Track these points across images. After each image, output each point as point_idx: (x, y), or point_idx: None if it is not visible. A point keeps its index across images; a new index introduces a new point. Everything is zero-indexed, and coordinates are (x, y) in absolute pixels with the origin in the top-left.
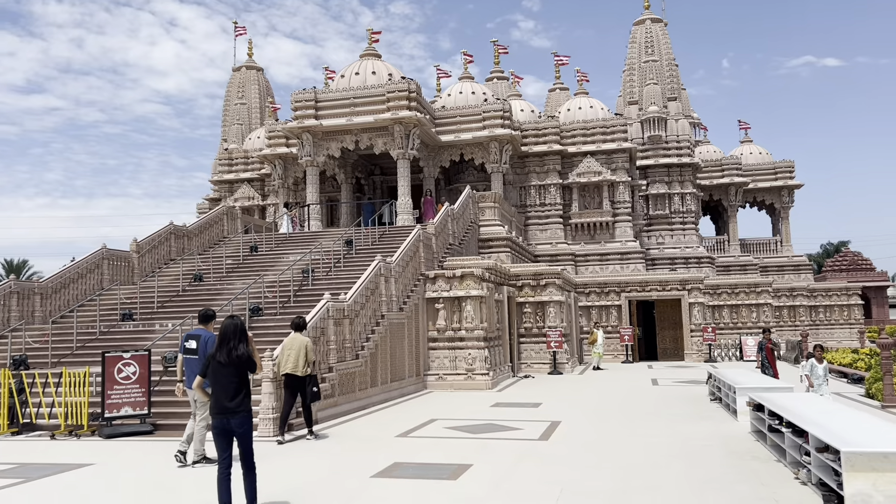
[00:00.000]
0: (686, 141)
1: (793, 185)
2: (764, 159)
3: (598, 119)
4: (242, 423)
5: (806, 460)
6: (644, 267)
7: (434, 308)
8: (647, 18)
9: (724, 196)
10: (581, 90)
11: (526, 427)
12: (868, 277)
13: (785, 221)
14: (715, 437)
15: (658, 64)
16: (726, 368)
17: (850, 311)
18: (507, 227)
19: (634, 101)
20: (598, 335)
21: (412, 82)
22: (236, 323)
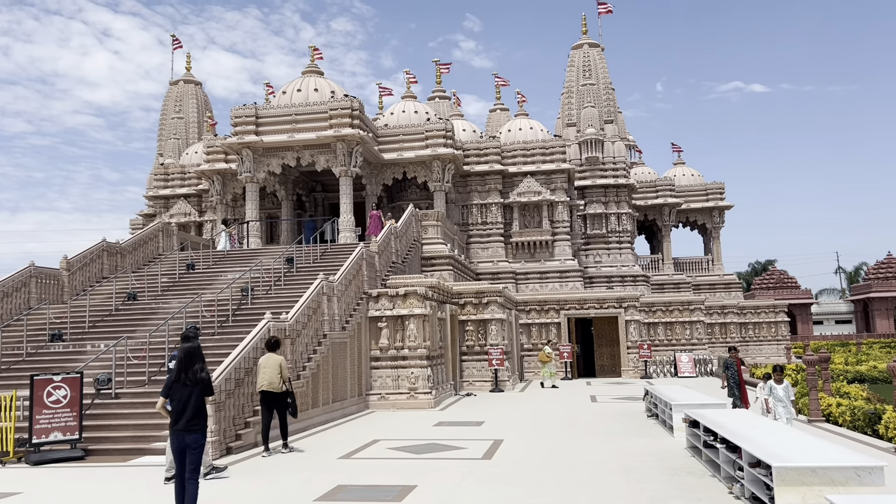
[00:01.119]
0: (622, 162)
1: (723, 206)
2: (696, 181)
3: (538, 140)
4: (197, 439)
5: (739, 475)
6: (582, 285)
7: (377, 327)
8: (584, 43)
9: (659, 216)
10: (521, 111)
11: (469, 446)
12: (793, 295)
13: (716, 241)
14: (653, 453)
15: (595, 87)
16: (662, 385)
17: (777, 327)
18: (450, 246)
19: (573, 123)
20: (552, 354)
21: (355, 100)
22: (194, 346)
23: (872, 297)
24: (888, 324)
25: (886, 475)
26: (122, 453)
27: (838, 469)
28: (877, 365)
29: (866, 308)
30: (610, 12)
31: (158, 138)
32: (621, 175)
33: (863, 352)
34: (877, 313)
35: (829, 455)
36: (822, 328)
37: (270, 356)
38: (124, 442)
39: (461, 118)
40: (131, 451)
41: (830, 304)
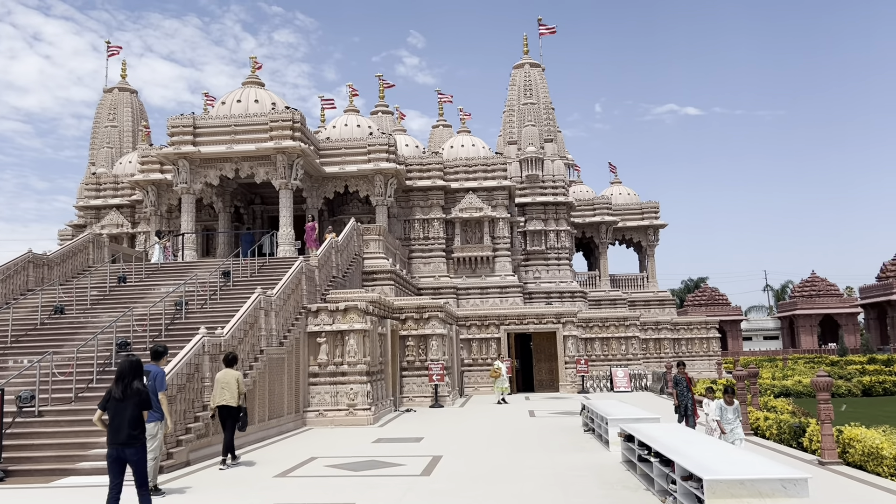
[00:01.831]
0: (561, 181)
1: (658, 225)
2: (632, 200)
3: (480, 157)
4: (137, 452)
5: (672, 488)
6: (522, 300)
7: (316, 342)
8: (526, 63)
9: (596, 234)
10: (463, 128)
11: (408, 462)
12: (724, 312)
13: (651, 258)
14: (589, 467)
15: (536, 106)
16: (599, 400)
17: (708, 343)
18: (392, 260)
19: (514, 141)
20: (501, 368)
21: (297, 112)
22: (132, 361)
23: (798, 314)
24: (812, 340)
25: (810, 487)
26: (45, 474)
27: (766, 481)
28: (801, 380)
29: (792, 325)
30: (553, 33)
31: (91, 147)
32: (560, 193)
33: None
34: (802, 330)
35: (758, 468)
36: (751, 344)
37: (228, 371)
38: (48, 462)
39: (404, 133)
40: (55, 472)
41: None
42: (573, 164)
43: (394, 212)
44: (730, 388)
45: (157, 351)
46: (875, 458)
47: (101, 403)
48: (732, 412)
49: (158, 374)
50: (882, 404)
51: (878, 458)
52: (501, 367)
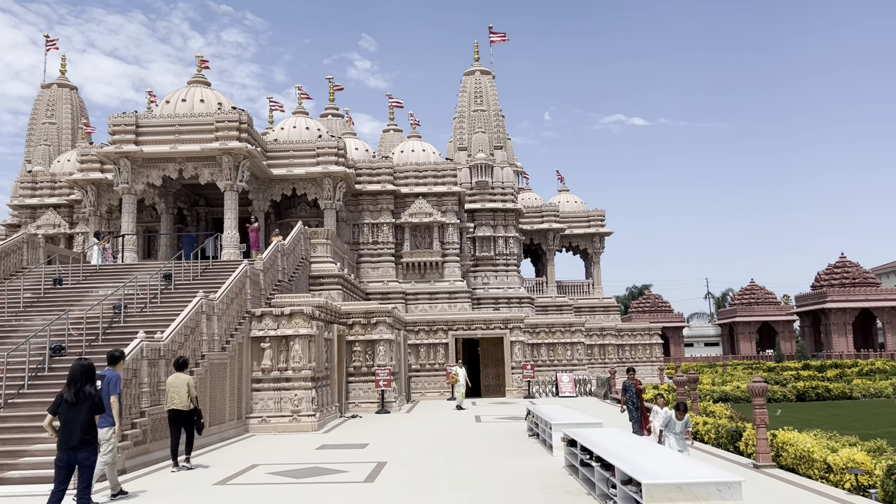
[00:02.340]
0: (510, 188)
1: (604, 233)
2: (579, 208)
3: (430, 162)
4: (89, 456)
5: (613, 493)
6: (471, 306)
7: (260, 347)
8: (476, 70)
9: (544, 240)
10: (414, 133)
11: (352, 469)
12: (667, 318)
13: (596, 265)
14: (533, 472)
15: (486, 113)
16: (544, 405)
17: (651, 349)
18: (340, 265)
19: (464, 148)
20: (460, 374)
21: (243, 113)
22: (84, 365)
23: (737, 322)
24: (751, 346)
25: (744, 489)
26: None
27: (701, 485)
28: (740, 385)
29: (732, 331)
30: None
31: (27, 144)
32: (509, 200)
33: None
34: (741, 336)
35: (694, 472)
36: (692, 350)
37: (179, 375)
38: None
39: (354, 137)
40: None
41: (700, 328)
42: (522, 172)
43: (342, 216)
44: (682, 406)
45: (113, 356)
46: (806, 461)
47: (52, 408)
48: (681, 426)
49: (114, 378)
50: (815, 409)
51: (810, 462)
52: (460, 372)
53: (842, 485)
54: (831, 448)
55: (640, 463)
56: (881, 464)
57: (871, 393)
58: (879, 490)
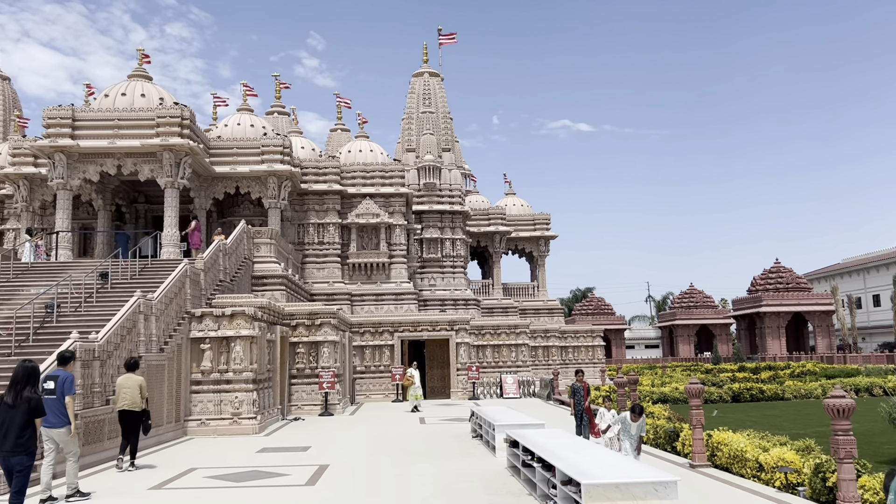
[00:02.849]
0: (458, 190)
1: (549, 236)
2: (525, 211)
3: (378, 163)
4: (22, 461)
5: (553, 493)
6: (417, 307)
7: (199, 349)
8: (425, 72)
9: (490, 243)
10: (362, 133)
11: (293, 472)
12: (609, 321)
13: (542, 268)
14: (476, 473)
15: (434, 115)
16: (488, 406)
17: (594, 351)
18: (284, 265)
19: (412, 149)
20: (415, 376)
21: (186, 108)
22: (27, 367)
23: (677, 324)
24: (689, 348)
25: (679, 488)
26: None
27: (639, 484)
28: (678, 386)
29: (671, 334)
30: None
31: None
32: (457, 202)
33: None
34: (680, 339)
35: (632, 472)
36: (633, 352)
37: (130, 376)
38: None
39: (300, 135)
40: None
41: (641, 330)
42: (470, 174)
43: (287, 215)
44: (638, 407)
45: (64, 356)
46: (740, 460)
47: None
48: (636, 428)
49: (67, 378)
50: (749, 410)
51: (743, 461)
52: (415, 374)
53: (772, 483)
54: (763, 448)
55: (580, 463)
56: (809, 462)
57: (801, 394)
58: (807, 488)
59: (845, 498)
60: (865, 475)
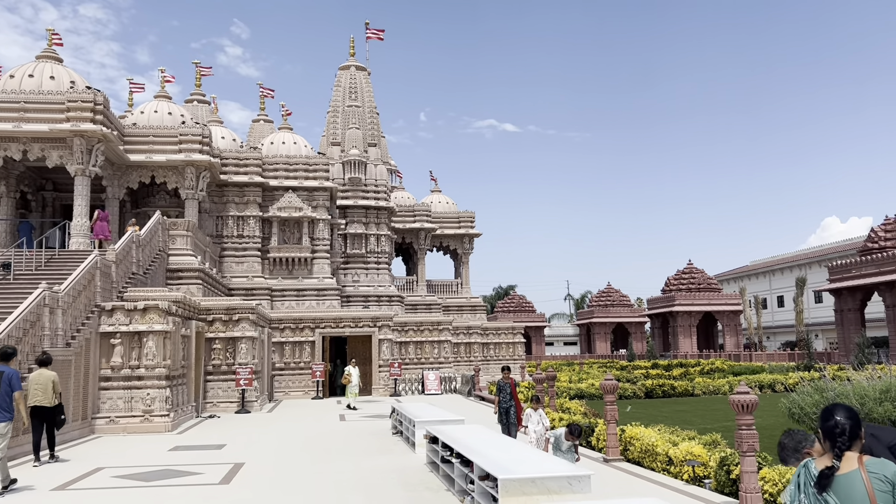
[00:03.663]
0: (384, 185)
1: (473, 234)
2: (450, 209)
3: (302, 156)
4: None
5: (471, 488)
6: (339, 304)
7: (109, 344)
8: (352, 65)
9: (415, 240)
10: (285, 125)
11: (207, 471)
12: (530, 318)
13: (465, 266)
14: (395, 470)
15: (360, 110)
16: (409, 403)
17: (514, 347)
18: (201, 258)
19: (337, 143)
20: (353, 374)
21: (99, 93)
22: None
23: (594, 322)
24: (606, 346)
25: (593, 482)
26: None
27: (553, 479)
28: (594, 383)
29: (589, 331)
30: (381, 38)
31: None
32: (382, 198)
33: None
34: (597, 336)
35: (547, 466)
36: (552, 349)
37: (43, 372)
38: None
39: (221, 125)
40: None
41: (560, 328)
42: (396, 170)
43: (206, 207)
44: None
45: (6, 353)
46: (650, 454)
47: None
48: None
49: (13, 374)
50: (661, 405)
51: (653, 455)
52: (353, 372)
53: (681, 476)
54: (673, 442)
55: (498, 459)
56: (715, 456)
57: (710, 390)
58: (713, 480)
59: (747, 489)
60: (766, 467)
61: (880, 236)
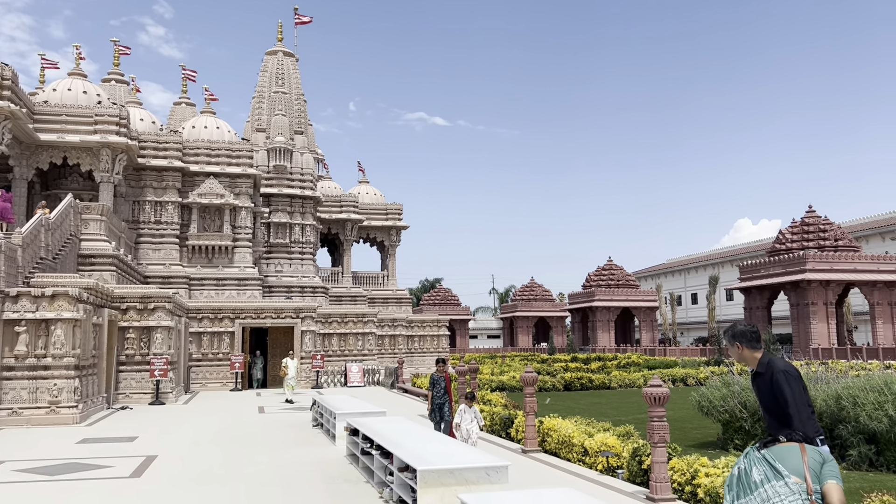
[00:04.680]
0: (310, 174)
1: (401, 226)
2: (378, 200)
3: (225, 141)
4: None
5: (390, 480)
6: (261, 294)
7: (14, 331)
8: (279, 50)
9: (342, 230)
10: (208, 109)
11: (117, 464)
12: (455, 311)
13: (392, 258)
14: (314, 462)
15: (288, 96)
16: (331, 395)
17: (439, 340)
18: (115, 244)
19: (262, 129)
20: (290, 366)
21: (7, 67)
22: None
23: (517, 316)
24: (528, 339)
25: (511, 473)
26: None
27: (471, 470)
28: (515, 375)
29: (512, 325)
30: (309, 23)
31: None
32: (308, 187)
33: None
34: (520, 330)
35: (467, 457)
36: (476, 342)
37: None
38: None
39: (140, 107)
40: None
41: (485, 321)
42: (323, 160)
43: (121, 191)
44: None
45: None
46: (567, 445)
47: None
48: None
49: None
50: (579, 398)
51: (570, 446)
52: (290, 364)
53: (595, 466)
54: (588, 433)
55: (418, 450)
56: (628, 447)
57: (626, 383)
58: (626, 470)
59: (657, 478)
60: (676, 458)
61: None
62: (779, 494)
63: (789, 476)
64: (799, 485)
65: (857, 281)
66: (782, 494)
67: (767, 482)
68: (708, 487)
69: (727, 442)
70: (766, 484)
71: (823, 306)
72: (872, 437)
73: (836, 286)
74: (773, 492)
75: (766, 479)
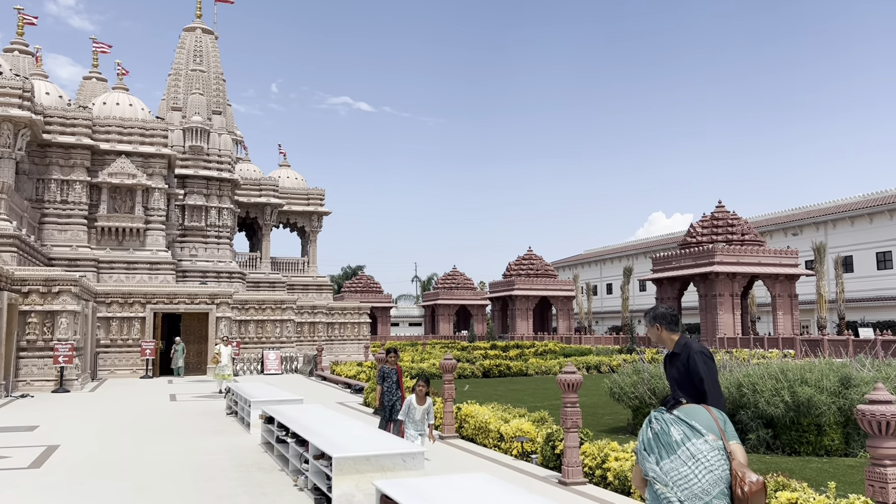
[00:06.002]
0: (228, 156)
1: (322, 212)
2: (299, 185)
3: (138, 119)
4: None
5: (305, 468)
6: (174, 279)
7: None
8: (198, 27)
9: (261, 215)
10: (121, 85)
11: (15, 455)
12: (377, 299)
13: (313, 244)
14: (227, 450)
15: (206, 75)
16: (247, 383)
17: (359, 327)
18: (17, 224)
19: (178, 108)
20: (223, 353)
21: None
22: None
23: (439, 304)
24: (449, 327)
25: (427, 459)
26: None
27: (387, 456)
28: (436, 362)
29: (434, 313)
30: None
31: None
32: (226, 169)
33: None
34: (441, 318)
35: (382, 445)
36: (398, 329)
37: None
38: None
39: (45, 79)
40: None
41: (406, 309)
42: (242, 141)
43: (24, 168)
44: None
45: None
46: (484, 431)
47: None
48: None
49: None
50: (497, 384)
51: (486, 432)
52: (224, 351)
53: (511, 452)
54: (505, 419)
55: (334, 438)
56: (542, 432)
57: (542, 370)
58: (539, 455)
59: (569, 463)
60: (587, 443)
61: (698, 232)
62: (701, 451)
63: (707, 433)
64: (715, 441)
65: (760, 274)
66: (704, 451)
67: (688, 440)
68: (617, 471)
69: (637, 427)
70: (688, 442)
71: (730, 297)
72: (770, 421)
73: (741, 278)
74: (696, 449)
75: (686, 437)
